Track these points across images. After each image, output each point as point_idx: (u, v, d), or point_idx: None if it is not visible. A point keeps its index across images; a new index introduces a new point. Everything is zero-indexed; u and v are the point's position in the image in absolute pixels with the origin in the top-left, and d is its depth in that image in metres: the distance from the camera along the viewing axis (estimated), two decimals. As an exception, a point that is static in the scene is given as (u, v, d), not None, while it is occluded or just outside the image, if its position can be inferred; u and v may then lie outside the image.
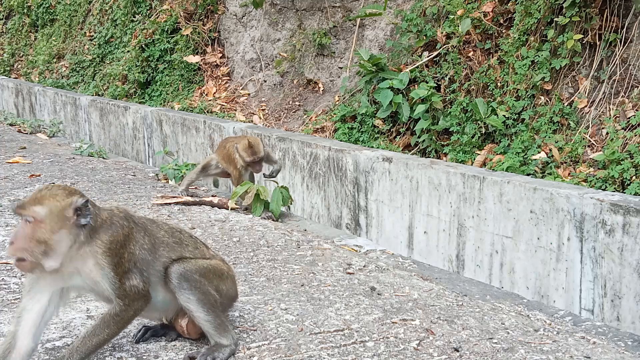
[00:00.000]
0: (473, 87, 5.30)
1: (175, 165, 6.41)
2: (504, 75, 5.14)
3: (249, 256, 4.15)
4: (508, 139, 4.88)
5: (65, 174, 6.75)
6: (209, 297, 2.84)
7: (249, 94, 7.69)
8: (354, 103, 6.06)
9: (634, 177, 3.99)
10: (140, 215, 2.99)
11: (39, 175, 6.61)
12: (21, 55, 13.11)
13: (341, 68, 6.79)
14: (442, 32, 5.69)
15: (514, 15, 5.27)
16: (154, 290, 2.77)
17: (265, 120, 7.06)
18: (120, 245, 2.64)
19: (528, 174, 4.36)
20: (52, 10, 12.23)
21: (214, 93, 7.92)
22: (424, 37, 5.83)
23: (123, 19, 9.69)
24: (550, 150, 4.51)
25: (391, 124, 5.71)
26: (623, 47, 4.61)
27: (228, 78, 8.13)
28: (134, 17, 9.52)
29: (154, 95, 8.57)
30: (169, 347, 2.93)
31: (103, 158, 7.55)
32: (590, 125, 4.56)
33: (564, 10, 4.79)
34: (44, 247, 2.49)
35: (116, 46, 9.80)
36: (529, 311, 3.51)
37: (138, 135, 7.64)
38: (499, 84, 5.15)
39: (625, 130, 4.34)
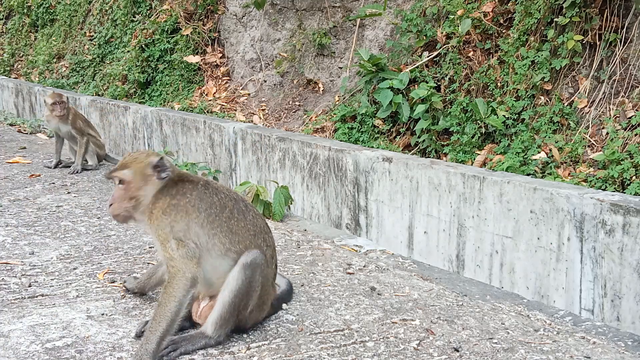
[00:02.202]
0: (473, 87, 5.30)
1: (175, 165, 6.41)
2: (504, 75, 5.14)
3: (249, 256, 4.15)
4: (508, 139, 4.87)
5: (65, 174, 6.76)
6: (245, 297, 2.93)
7: (249, 94, 7.69)
8: (354, 103, 6.06)
9: (634, 177, 3.99)
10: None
11: (39, 175, 6.62)
12: (21, 55, 13.11)
13: (341, 68, 6.79)
14: (442, 32, 5.68)
15: (514, 16, 5.27)
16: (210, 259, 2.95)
17: (265, 120, 7.06)
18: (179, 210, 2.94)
19: (528, 174, 4.36)
20: (52, 11, 12.23)
21: (214, 93, 7.92)
22: (424, 37, 5.83)
23: (123, 19, 9.69)
24: (550, 150, 4.51)
25: (391, 124, 5.70)
26: (623, 47, 4.61)
27: (228, 78, 8.13)
28: (134, 17, 9.52)
29: (154, 95, 8.57)
30: (169, 347, 2.93)
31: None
32: (590, 125, 4.56)
33: (564, 10, 4.79)
34: (134, 202, 2.95)
35: (116, 46, 9.80)
36: (529, 311, 3.51)
37: (138, 135, 7.64)
38: (499, 84, 5.15)
39: (625, 130, 4.34)
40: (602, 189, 3.99)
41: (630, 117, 4.36)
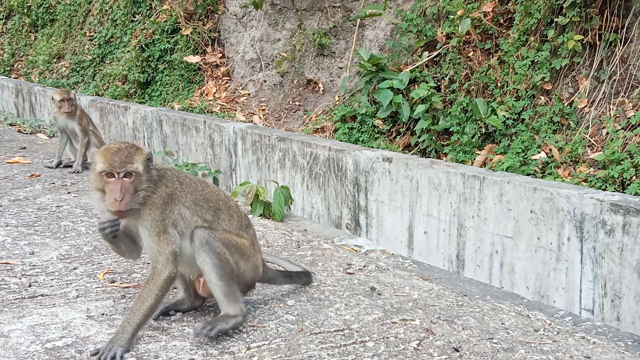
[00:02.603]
0: (473, 87, 5.30)
1: (176, 165, 6.41)
2: (504, 75, 5.14)
3: (249, 256, 4.15)
4: (508, 139, 4.87)
5: (65, 174, 6.76)
6: (226, 265, 3.03)
7: (249, 94, 7.69)
8: (354, 103, 6.06)
9: (634, 177, 3.99)
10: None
11: (39, 175, 6.62)
12: (21, 55, 13.10)
13: (341, 68, 6.79)
14: (442, 32, 5.68)
15: (514, 16, 5.27)
16: (184, 245, 3.03)
17: (266, 120, 7.06)
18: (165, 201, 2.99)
19: (528, 174, 4.36)
20: (52, 11, 12.23)
21: (214, 93, 7.92)
22: (424, 37, 5.83)
23: (123, 19, 9.69)
24: (550, 150, 4.51)
25: (391, 124, 5.70)
26: (623, 47, 4.61)
27: (228, 78, 8.13)
28: (134, 17, 9.52)
29: (154, 95, 8.57)
30: (169, 347, 2.93)
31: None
32: (590, 125, 4.56)
33: (564, 10, 4.79)
34: (138, 195, 2.90)
35: (116, 46, 9.80)
36: (529, 311, 3.51)
37: (138, 136, 7.64)
38: (499, 84, 5.15)
39: (625, 130, 4.34)
40: (602, 189, 3.99)
41: (630, 117, 4.36)
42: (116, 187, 2.83)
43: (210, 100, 7.75)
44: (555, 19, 4.86)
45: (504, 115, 4.89)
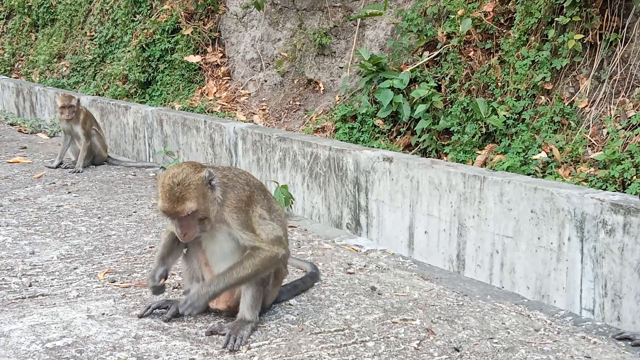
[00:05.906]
0: (473, 87, 5.29)
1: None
2: (505, 75, 5.14)
3: (250, 256, 4.15)
4: (508, 139, 4.87)
5: (65, 174, 6.77)
6: (266, 280, 3.12)
7: (249, 94, 7.69)
8: (354, 103, 6.06)
9: (634, 177, 3.99)
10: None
11: (40, 176, 6.62)
12: (22, 55, 13.10)
13: (342, 68, 6.78)
14: (442, 32, 5.68)
15: (514, 15, 5.26)
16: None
17: (266, 120, 7.06)
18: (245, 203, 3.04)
19: (529, 174, 4.36)
20: (52, 10, 12.23)
21: (215, 93, 7.92)
22: (425, 37, 5.83)
23: (124, 18, 9.69)
24: (551, 150, 4.51)
25: (392, 124, 5.70)
26: (624, 46, 4.61)
27: (228, 78, 8.13)
28: (135, 17, 9.52)
29: (154, 95, 8.57)
30: (170, 347, 2.93)
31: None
32: (591, 125, 4.56)
33: (564, 10, 4.78)
34: (204, 221, 2.91)
35: (117, 46, 9.80)
36: (530, 311, 3.51)
37: (139, 135, 7.65)
38: (499, 83, 5.15)
39: (625, 130, 4.34)
40: (602, 189, 3.99)
41: (630, 117, 4.35)
42: (177, 224, 2.88)
43: (210, 100, 7.75)
44: (555, 19, 4.86)
45: (505, 115, 4.88)
